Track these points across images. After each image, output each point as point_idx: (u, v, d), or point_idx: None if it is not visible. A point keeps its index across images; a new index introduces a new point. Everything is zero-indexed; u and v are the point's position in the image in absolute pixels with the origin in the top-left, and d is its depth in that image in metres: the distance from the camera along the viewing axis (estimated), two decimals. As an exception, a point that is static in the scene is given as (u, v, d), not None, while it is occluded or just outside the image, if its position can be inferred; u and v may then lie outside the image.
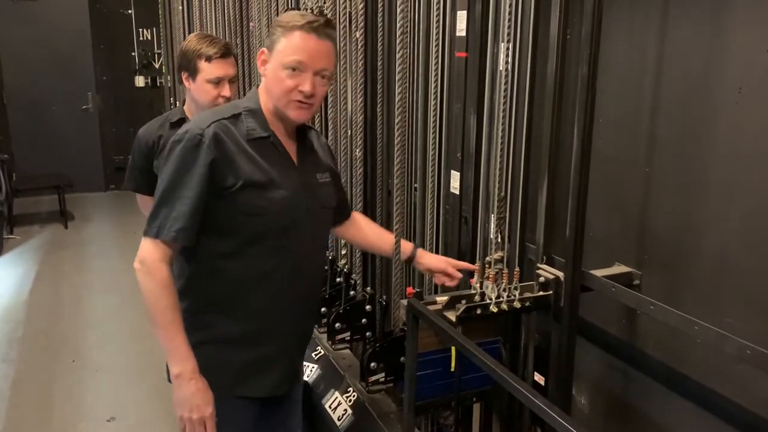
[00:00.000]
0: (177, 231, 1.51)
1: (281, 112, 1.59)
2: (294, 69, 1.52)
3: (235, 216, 1.55)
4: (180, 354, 1.53)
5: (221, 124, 1.56)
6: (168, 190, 1.53)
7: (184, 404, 1.55)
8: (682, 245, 1.56)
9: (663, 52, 1.56)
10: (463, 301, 1.71)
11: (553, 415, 1.14)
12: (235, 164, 1.54)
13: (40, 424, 3.16)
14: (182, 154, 1.52)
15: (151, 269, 1.52)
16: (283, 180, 1.60)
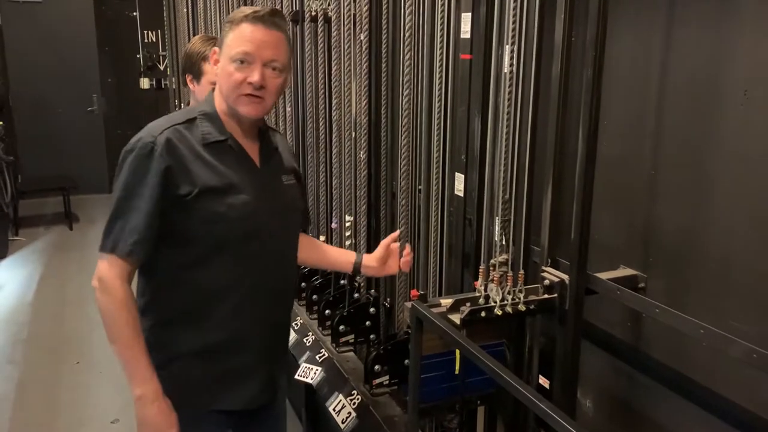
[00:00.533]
0: (133, 244, 1.45)
1: (234, 110, 1.53)
2: (242, 61, 1.48)
3: (195, 224, 1.49)
4: (141, 375, 1.48)
5: (174, 130, 1.50)
6: (121, 202, 1.47)
7: (146, 427, 1.51)
8: (687, 248, 1.55)
9: (668, 55, 1.55)
10: (467, 303, 1.70)
11: (557, 418, 1.14)
12: (190, 171, 1.48)
13: (45, 425, 3.16)
14: (134, 164, 1.47)
15: (109, 287, 1.46)
16: (244, 184, 1.54)
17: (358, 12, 2.38)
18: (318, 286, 2.68)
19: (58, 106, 7.49)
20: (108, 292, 1.47)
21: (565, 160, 1.71)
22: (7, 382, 3.55)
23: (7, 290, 4.89)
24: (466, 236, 2.06)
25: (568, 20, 1.60)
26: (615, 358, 1.81)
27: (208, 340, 1.57)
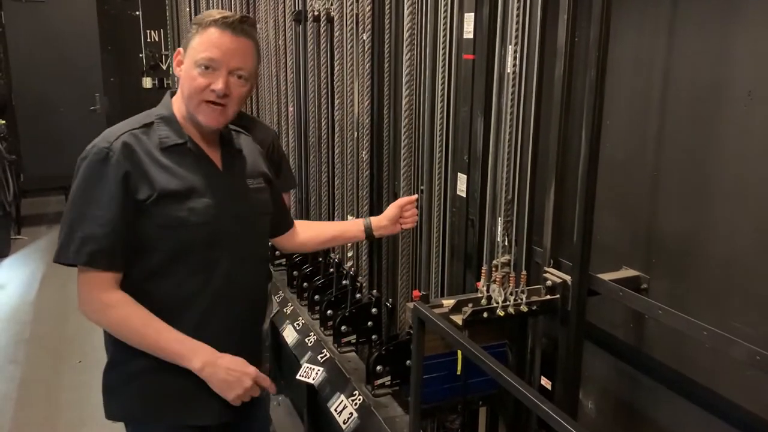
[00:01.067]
0: (90, 254, 1.40)
1: (194, 117, 1.49)
2: (207, 67, 1.44)
3: (154, 230, 1.45)
4: (190, 347, 1.46)
5: (130, 134, 1.46)
6: (75, 211, 1.42)
7: (230, 383, 1.47)
8: (690, 249, 1.54)
9: (671, 56, 1.55)
10: (469, 304, 1.70)
11: (560, 420, 1.13)
12: (149, 175, 1.44)
13: (47, 425, 3.17)
14: (89, 171, 1.42)
15: (99, 303, 1.43)
16: (205, 187, 1.50)
17: (360, 12, 2.38)
18: (320, 286, 2.68)
19: (61, 106, 7.50)
20: (102, 310, 1.44)
21: (568, 160, 1.71)
22: (9, 382, 3.56)
23: (9, 289, 4.90)
24: (469, 237, 2.06)
25: (571, 21, 1.60)
26: (617, 359, 1.80)
27: None
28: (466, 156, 2.01)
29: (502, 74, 1.74)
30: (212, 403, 1.55)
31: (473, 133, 1.96)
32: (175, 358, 1.46)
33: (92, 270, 1.42)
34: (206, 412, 1.56)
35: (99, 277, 1.43)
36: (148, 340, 1.45)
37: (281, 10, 3.13)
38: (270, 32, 3.32)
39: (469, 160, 2.00)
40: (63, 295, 4.75)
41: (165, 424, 1.53)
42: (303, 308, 2.76)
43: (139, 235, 1.45)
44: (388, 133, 2.39)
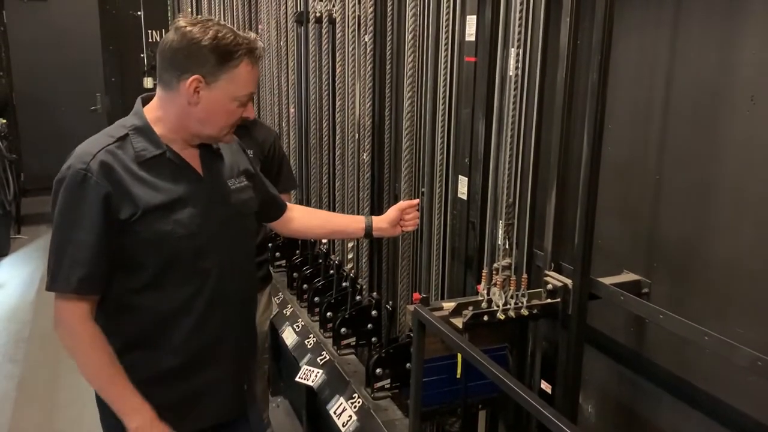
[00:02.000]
0: (79, 281, 1.37)
1: (209, 138, 1.50)
2: (245, 101, 1.47)
3: (143, 247, 1.42)
4: (131, 406, 1.44)
5: (106, 152, 1.40)
6: (61, 236, 1.39)
7: None
8: (692, 253, 1.54)
9: (674, 59, 1.54)
10: (470, 307, 1.69)
11: (560, 425, 1.13)
12: (131, 193, 1.40)
13: (46, 424, 3.16)
14: (68, 194, 1.38)
15: (76, 331, 1.41)
16: (189, 197, 1.47)
17: (362, 14, 2.37)
18: (320, 288, 2.67)
19: (62, 105, 7.50)
20: (73, 337, 1.42)
21: (570, 164, 1.70)
22: (8, 381, 3.55)
23: (8, 288, 4.89)
24: (469, 240, 2.05)
25: (573, 24, 1.60)
26: (617, 363, 1.80)
27: (167, 363, 1.51)
28: (467, 158, 2.01)
29: (504, 77, 1.74)
30: (210, 408, 1.56)
31: (474, 136, 1.96)
32: (115, 409, 1.46)
33: (75, 296, 1.40)
34: (203, 417, 1.57)
35: (79, 305, 1.40)
36: (99, 383, 1.46)
37: (283, 12, 3.13)
38: (272, 33, 3.32)
39: (470, 162, 1.99)
40: (62, 294, 4.75)
41: None
42: (303, 310, 2.76)
43: (124, 252, 1.42)
44: (389, 134, 2.38)
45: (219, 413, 1.59)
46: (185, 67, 1.41)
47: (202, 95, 1.42)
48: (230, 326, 1.58)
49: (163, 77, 1.46)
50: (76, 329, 1.41)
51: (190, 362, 1.53)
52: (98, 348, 1.42)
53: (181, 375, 1.52)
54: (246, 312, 1.67)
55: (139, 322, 1.48)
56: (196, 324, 1.50)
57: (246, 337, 1.68)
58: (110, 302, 1.46)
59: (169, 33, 1.44)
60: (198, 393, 1.54)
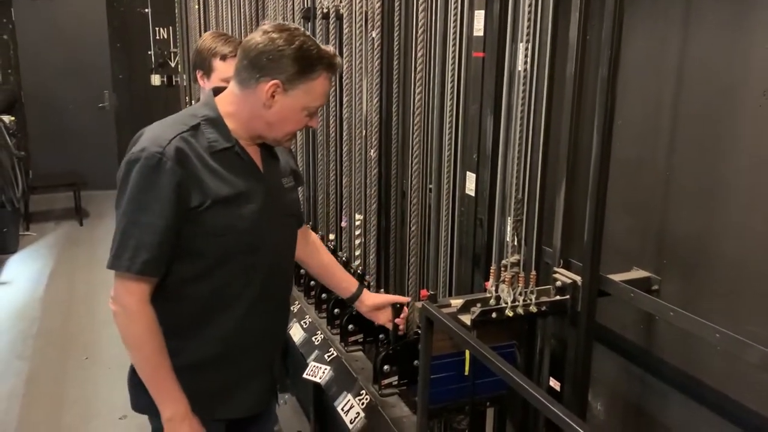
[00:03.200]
0: (144, 263, 1.39)
1: (274, 142, 1.54)
2: (315, 112, 1.50)
3: (204, 237, 1.45)
4: (171, 396, 1.47)
5: (182, 138, 1.43)
6: (130, 218, 1.40)
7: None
8: (702, 250, 1.53)
9: (685, 54, 1.53)
10: (478, 304, 1.68)
11: (570, 422, 1.12)
12: (202, 182, 1.43)
13: (53, 421, 3.18)
14: (141, 177, 1.39)
15: (134, 314, 1.42)
16: (251, 192, 1.50)
17: (370, 9, 2.36)
18: (327, 285, 2.66)
19: (70, 103, 7.53)
20: (134, 320, 1.43)
21: (579, 160, 1.69)
22: (16, 377, 3.57)
23: (17, 285, 4.92)
24: (477, 236, 2.04)
25: (583, 18, 1.58)
26: (627, 360, 1.79)
27: (209, 352, 1.55)
28: (475, 155, 2.00)
29: (513, 72, 1.73)
30: (239, 401, 1.60)
31: (482, 132, 1.95)
32: (153, 395, 1.48)
33: (137, 278, 1.41)
34: (237, 408, 1.61)
35: (140, 287, 1.43)
36: (145, 368, 1.48)
37: (290, 8, 3.12)
38: (279, 30, 3.32)
39: (478, 158, 1.98)
40: (70, 291, 4.76)
41: None
42: (310, 307, 2.75)
43: (186, 241, 1.44)
44: (397, 131, 2.37)
45: (251, 405, 1.63)
46: (266, 71, 1.44)
47: (277, 100, 1.45)
48: (270, 323, 1.62)
49: (241, 75, 1.48)
50: (133, 311, 1.43)
51: (229, 355, 1.56)
52: (152, 333, 1.45)
53: (219, 366, 1.56)
54: (284, 309, 1.71)
55: (187, 311, 1.51)
56: (240, 318, 1.54)
57: (281, 334, 1.74)
58: (162, 289, 1.48)
59: (256, 34, 1.47)
60: (233, 385, 1.59)
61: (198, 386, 1.55)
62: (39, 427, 3.12)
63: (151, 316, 1.45)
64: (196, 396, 1.54)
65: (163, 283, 1.48)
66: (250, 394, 1.62)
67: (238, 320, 1.54)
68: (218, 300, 1.52)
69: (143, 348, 1.45)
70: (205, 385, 1.56)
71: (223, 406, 1.59)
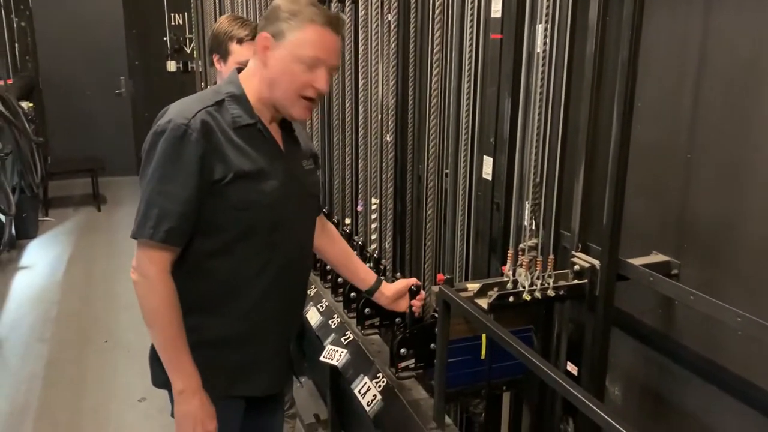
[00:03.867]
0: (166, 232, 1.41)
1: (283, 109, 1.50)
2: (310, 66, 1.44)
3: (225, 211, 1.46)
4: (183, 370, 1.49)
5: (206, 112, 1.45)
6: (154, 188, 1.42)
7: (187, 420, 1.51)
8: (724, 234, 1.51)
9: (708, 33, 1.50)
10: (495, 288, 1.68)
11: (589, 404, 1.11)
12: (225, 155, 1.44)
13: (74, 403, 3.23)
14: (167, 148, 1.41)
15: (153, 283, 1.44)
16: (272, 169, 1.51)
17: (386, -8, 2.34)
18: (343, 269, 2.67)
19: (87, 89, 7.58)
20: (153, 289, 1.44)
21: (598, 142, 1.67)
22: (37, 360, 3.63)
23: (37, 269, 4.98)
24: (494, 220, 2.03)
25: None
26: (645, 345, 1.78)
27: (229, 329, 1.56)
28: (492, 138, 1.98)
29: (531, 54, 1.71)
30: (256, 380, 1.62)
31: (500, 115, 1.93)
32: (166, 367, 1.50)
33: (161, 247, 1.43)
34: (255, 386, 1.62)
35: (161, 256, 1.44)
36: (160, 339, 1.49)
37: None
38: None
39: (496, 142, 1.97)
40: (89, 275, 4.82)
41: (212, 394, 1.56)
42: (327, 290, 2.76)
43: (207, 215, 1.46)
44: (413, 115, 2.36)
45: (269, 384, 1.65)
46: (262, 27, 1.48)
47: (270, 54, 1.46)
48: (289, 303, 1.63)
49: None
50: (153, 279, 1.44)
51: (249, 333, 1.57)
52: (170, 304, 1.46)
53: (239, 344, 1.57)
54: (303, 290, 1.72)
55: (208, 287, 1.53)
56: (260, 296, 1.55)
57: (299, 315, 1.76)
58: (183, 263, 1.49)
59: None
60: (252, 363, 1.60)
61: (218, 362, 1.57)
62: (60, 409, 3.17)
63: (170, 287, 1.46)
64: (216, 372, 1.57)
65: (186, 257, 1.49)
66: (269, 373, 1.64)
67: (259, 298, 1.55)
68: (239, 276, 1.53)
69: (160, 318, 1.46)
70: (225, 362, 1.58)
71: (242, 384, 1.61)
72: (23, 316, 4.17)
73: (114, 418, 3.10)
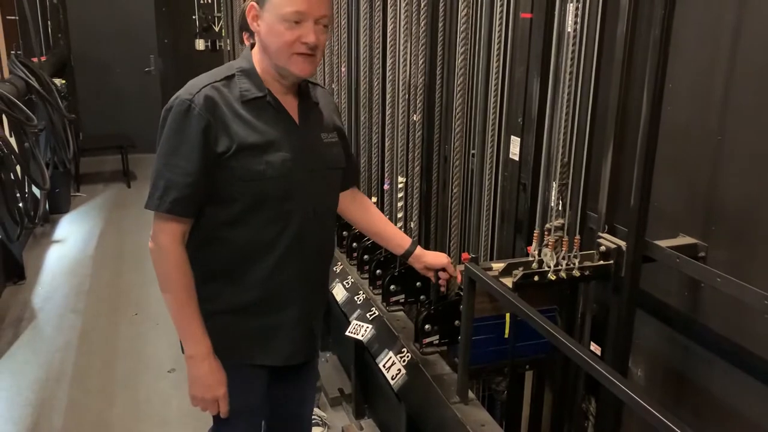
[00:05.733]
0: (172, 202, 1.46)
1: (283, 70, 1.51)
2: (295, 21, 1.45)
3: (233, 182, 1.50)
4: (194, 335, 1.54)
5: (212, 87, 1.49)
6: (162, 161, 1.49)
7: (197, 384, 1.57)
8: (753, 217, 1.50)
9: (742, 14, 1.48)
10: (520, 267, 1.69)
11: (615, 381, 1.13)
12: (229, 128, 1.48)
13: (106, 372, 3.32)
14: (172, 122, 1.48)
15: (164, 250, 1.50)
16: (282, 141, 1.53)
17: (416, -30, 2.34)
18: (369, 246, 2.70)
19: (117, 67, 7.66)
20: (162, 256, 1.51)
21: (627, 123, 1.67)
22: (71, 330, 3.73)
23: (69, 243, 5.10)
24: (520, 201, 2.04)
25: (636, -23, 1.55)
26: (669, 327, 1.78)
27: (246, 297, 1.59)
28: (520, 118, 1.98)
29: (561, 33, 1.70)
30: (276, 348, 1.65)
31: (528, 95, 1.93)
32: (178, 332, 1.56)
33: (169, 217, 1.49)
34: (275, 354, 1.66)
35: (172, 227, 1.50)
36: (171, 304, 1.54)
37: (335, -30, 3.11)
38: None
39: (523, 122, 1.97)
40: (119, 250, 4.92)
41: (233, 361, 1.62)
42: (352, 267, 2.79)
43: (218, 186, 1.51)
44: (441, 94, 2.36)
45: (289, 353, 1.68)
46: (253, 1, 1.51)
47: (259, 23, 1.50)
48: (306, 272, 1.65)
49: None
50: (165, 248, 1.51)
51: (265, 300, 1.61)
52: (181, 271, 1.52)
53: (256, 311, 1.61)
54: (323, 262, 1.73)
55: (224, 255, 1.57)
56: (276, 264, 1.58)
57: (320, 287, 1.77)
58: (199, 233, 1.55)
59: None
60: (270, 330, 1.63)
61: (237, 330, 1.61)
62: (93, 377, 3.27)
63: (182, 255, 1.52)
64: (236, 340, 1.62)
65: (202, 227, 1.54)
66: (289, 342, 1.67)
67: (275, 266, 1.58)
68: (255, 245, 1.57)
69: (171, 285, 1.52)
70: (244, 330, 1.62)
71: (262, 352, 1.64)
72: (58, 288, 4.28)
73: (144, 387, 3.18)
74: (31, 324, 3.81)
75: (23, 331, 3.73)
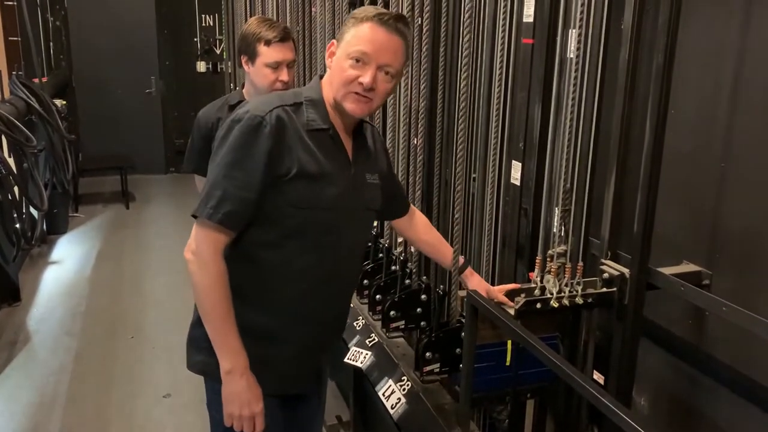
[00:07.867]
0: (225, 214, 1.45)
1: (340, 105, 1.54)
2: (358, 60, 1.48)
3: (283, 207, 1.50)
4: (233, 349, 1.51)
5: (283, 110, 1.51)
6: (222, 171, 1.47)
7: (234, 401, 1.53)
8: (757, 245, 1.48)
9: (745, 41, 1.48)
10: (522, 294, 1.67)
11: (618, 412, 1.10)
12: (293, 153, 1.49)
13: (101, 396, 3.28)
14: (240, 135, 1.47)
15: (206, 262, 1.47)
16: (336, 176, 1.55)
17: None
18: (369, 271, 2.68)
19: (118, 88, 7.70)
20: (205, 268, 1.48)
21: (630, 149, 1.65)
22: (66, 353, 3.69)
23: (66, 265, 5.07)
24: (521, 226, 2.02)
25: (638, 3, 1.54)
26: (673, 356, 1.75)
27: (261, 320, 1.58)
28: (522, 143, 1.97)
29: (563, 59, 1.70)
30: (282, 377, 1.63)
31: (530, 120, 1.92)
32: (215, 346, 1.53)
33: (218, 228, 1.47)
34: (282, 384, 1.64)
35: (217, 238, 1.48)
36: (210, 317, 1.52)
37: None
38: (326, 17, 3.32)
39: (525, 147, 1.96)
40: (117, 272, 4.89)
41: None
42: (351, 293, 2.77)
43: (266, 207, 1.50)
44: (442, 118, 2.36)
45: (298, 383, 1.67)
46: None
47: (333, 59, 1.54)
48: (331, 307, 1.65)
49: None
50: (207, 259, 1.48)
51: (286, 328, 1.60)
52: (221, 284, 1.49)
53: (275, 336, 1.59)
54: (347, 297, 1.74)
55: (251, 275, 1.56)
56: (303, 294, 1.58)
57: (339, 321, 1.76)
58: (233, 249, 1.53)
59: None
60: (280, 360, 1.61)
61: (249, 351, 1.56)
62: (87, 402, 3.22)
63: (222, 267, 1.50)
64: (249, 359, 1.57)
65: (237, 243, 1.53)
66: (299, 374, 1.65)
67: (301, 296, 1.58)
68: (285, 272, 1.56)
69: (211, 296, 1.49)
70: (257, 353, 1.57)
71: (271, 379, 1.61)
72: (53, 309, 4.25)
73: (140, 412, 3.14)
74: (25, 347, 3.77)
75: (17, 353, 3.69)
